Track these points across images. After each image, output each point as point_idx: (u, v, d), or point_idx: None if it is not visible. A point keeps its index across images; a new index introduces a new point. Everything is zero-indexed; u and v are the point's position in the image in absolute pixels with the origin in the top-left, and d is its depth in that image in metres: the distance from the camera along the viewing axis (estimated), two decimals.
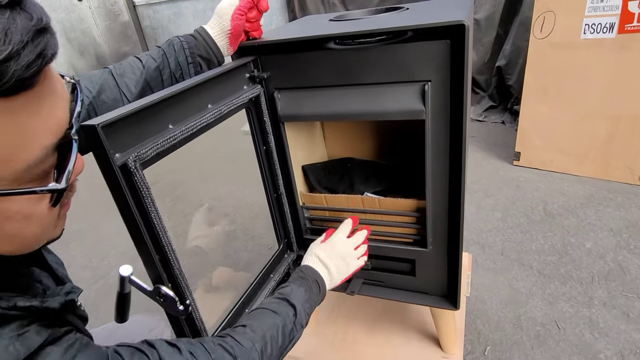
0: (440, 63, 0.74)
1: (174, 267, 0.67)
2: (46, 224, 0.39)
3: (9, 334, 0.34)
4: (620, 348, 1.25)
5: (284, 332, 0.64)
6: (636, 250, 1.63)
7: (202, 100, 0.73)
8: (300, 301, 0.70)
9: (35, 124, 0.33)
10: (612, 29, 1.88)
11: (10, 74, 0.29)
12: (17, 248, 0.38)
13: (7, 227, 0.35)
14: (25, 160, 0.33)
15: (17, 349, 0.33)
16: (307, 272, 0.79)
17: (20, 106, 0.31)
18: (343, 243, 0.88)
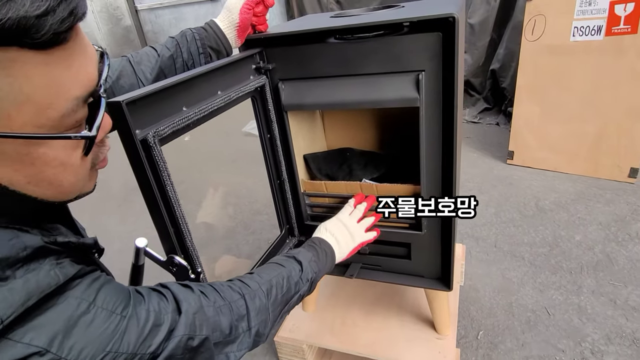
0: (433, 54, 0.80)
1: (186, 238, 0.72)
2: (80, 173, 0.43)
3: (49, 262, 0.38)
4: (606, 332, 1.30)
5: (290, 282, 0.68)
6: (624, 242, 1.69)
7: (212, 86, 0.79)
8: (307, 259, 0.75)
9: (68, 76, 0.37)
10: (599, 32, 1.95)
11: (48, 27, 0.32)
12: (55, 193, 0.41)
13: (46, 172, 0.39)
14: (59, 109, 0.37)
15: (57, 274, 0.38)
16: (316, 241, 0.84)
17: (55, 59, 0.35)
18: (346, 218, 0.93)
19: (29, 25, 0.31)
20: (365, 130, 1.24)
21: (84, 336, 0.37)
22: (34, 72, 0.34)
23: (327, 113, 1.25)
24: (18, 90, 0.33)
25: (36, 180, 0.39)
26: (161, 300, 0.48)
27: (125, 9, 5.08)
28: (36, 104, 0.35)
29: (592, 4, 1.93)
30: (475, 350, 1.30)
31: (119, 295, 0.43)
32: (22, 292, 0.34)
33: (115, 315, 0.41)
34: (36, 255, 0.37)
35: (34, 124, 0.35)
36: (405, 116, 1.12)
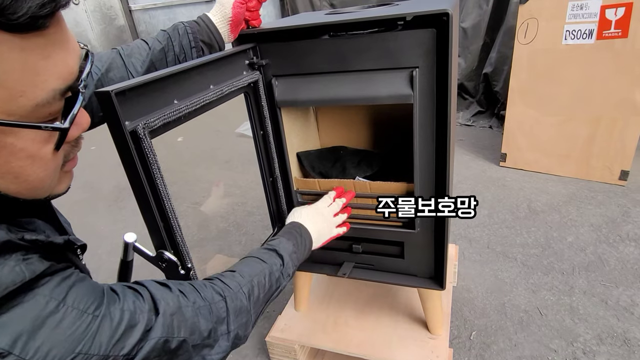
0: (427, 50, 0.80)
1: (176, 233, 0.70)
2: (50, 168, 0.41)
3: (15, 257, 0.36)
4: (598, 332, 1.31)
5: (271, 279, 0.67)
6: (615, 243, 1.70)
7: (205, 80, 0.78)
8: (288, 252, 0.74)
9: (46, 65, 0.35)
10: (591, 35, 1.98)
11: (25, 9, 0.31)
12: (19, 188, 0.39)
13: (13, 164, 0.37)
14: (34, 99, 0.35)
15: (23, 270, 0.35)
16: (295, 227, 0.83)
17: (33, 46, 0.34)
18: (325, 208, 0.94)
19: (5, 5, 0.30)
20: (359, 129, 1.23)
21: (52, 337, 0.35)
22: (8, 56, 0.32)
23: (321, 111, 1.24)
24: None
25: (1, 172, 0.37)
26: (137, 299, 0.46)
27: (119, 8, 5.05)
28: (7, 89, 0.33)
29: (583, 8, 1.95)
30: (468, 350, 1.30)
31: (91, 293, 0.41)
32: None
33: (87, 315, 0.39)
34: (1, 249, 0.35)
35: (4, 111, 0.34)
36: (399, 114, 1.12)
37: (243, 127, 3.47)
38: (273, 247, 0.74)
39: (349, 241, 1.11)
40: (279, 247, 0.74)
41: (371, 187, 1.02)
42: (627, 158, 2.09)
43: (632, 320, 1.34)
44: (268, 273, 0.67)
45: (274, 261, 0.70)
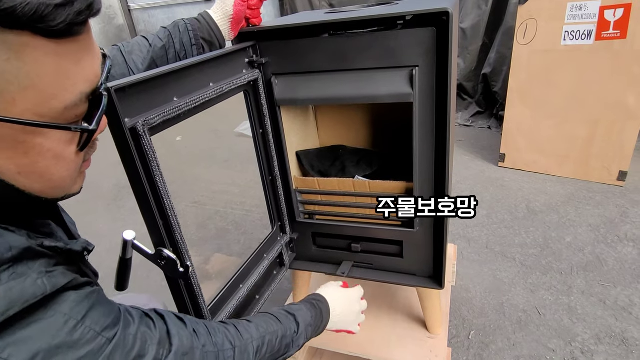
0: (427, 49, 0.80)
1: (175, 231, 0.70)
2: (72, 169, 0.43)
3: (38, 269, 0.36)
4: (596, 332, 1.31)
5: (282, 342, 0.66)
6: (613, 244, 1.70)
7: (205, 78, 0.78)
8: (305, 323, 0.72)
9: (76, 70, 0.37)
10: (590, 36, 1.98)
11: (64, 17, 0.33)
12: (43, 188, 0.40)
13: (39, 164, 0.38)
14: (63, 101, 0.37)
15: (45, 283, 0.36)
16: (322, 302, 0.81)
17: (65, 51, 0.35)
18: (357, 303, 0.91)
19: (46, 13, 0.32)
20: (358, 128, 1.24)
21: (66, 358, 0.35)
22: (43, 60, 0.34)
23: (320, 110, 1.24)
24: (25, 76, 0.33)
25: (27, 172, 0.38)
26: (149, 330, 0.46)
27: (118, 8, 5.05)
28: (41, 92, 0.35)
29: (582, 9, 1.96)
30: (467, 350, 1.30)
31: (108, 315, 0.41)
32: (3, 300, 0.32)
33: (102, 338, 0.39)
34: (23, 256, 0.35)
35: (35, 113, 0.35)
36: (398, 113, 1.12)
37: (242, 127, 3.47)
38: (293, 312, 0.73)
39: (348, 240, 1.11)
40: (298, 314, 0.73)
41: (370, 186, 1.02)
42: (626, 159, 2.09)
43: (630, 320, 1.34)
44: (281, 335, 0.66)
45: (290, 326, 0.69)
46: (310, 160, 1.11)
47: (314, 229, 1.14)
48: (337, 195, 1.06)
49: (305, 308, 0.76)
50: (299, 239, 1.16)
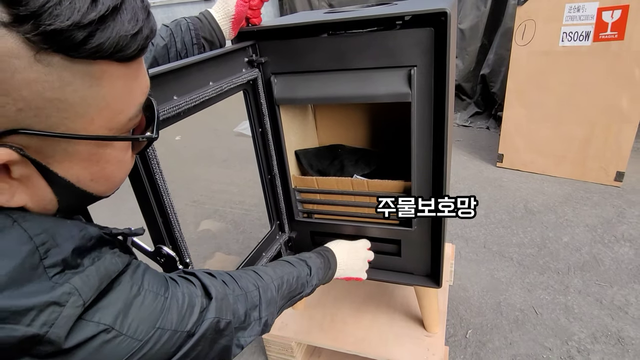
0: (425, 49, 0.81)
1: (174, 228, 0.71)
2: (128, 170, 0.48)
3: (107, 251, 0.42)
4: (593, 331, 1.32)
5: (298, 281, 0.75)
6: (610, 244, 1.71)
7: (204, 77, 0.78)
8: (316, 266, 0.81)
9: (136, 85, 0.41)
10: (587, 37, 1.99)
11: (137, 45, 0.37)
12: (107, 189, 0.45)
13: (107, 170, 0.42)
14: (128, 115, 0.40)
15: (117, 262, 0.42)
16: (328, 252, 0.90)
17: (131, 71, 0.39)
18: (363, 250, 1.00)
19: (125, 44, 0.35)
20: (357, 128, 1.24)
21: (138, 315, 0.42)
22: (116, 83, 0.37)
23: (319, 110, 1.25)
24: (102, 98, 0.37)
25: (97, 177, 0.42)
26: (190, 285, 0.52)
27: None
28: (112, 110, 0.38)
29: (580, 10, 1.97)
30: (464, 348, 1.31)
31: (159, 279, 0.48)
32: (96, 277, 0.38)
33: (160, 297, 0.45)
34: (96, 245, 0.41)
35: (107, 127, 0.39)
36: (397, 113, 1.13)
37: (241, 127, 3.47)
38: (304, 258, 0.81)
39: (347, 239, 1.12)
40: (309, 260, 0.81)
41: (369, 185, 1.03)
42: (623, 159, 2.11)
43: (626, 320, 1.35)
44: (296, 276, 0.75)
45: (302, 268, 0.78)
46: (309, 159, 1.12)
47: (313, 227, 1.15)
48: (336, 194, 1.07)
49: (314, 256, 0.84)
50: (297, 237, 1.16)
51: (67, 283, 0.36)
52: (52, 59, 0.32)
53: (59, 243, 0.37)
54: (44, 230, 0.37)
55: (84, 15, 0.32)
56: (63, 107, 0.35)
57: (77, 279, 0.37)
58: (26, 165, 0.36)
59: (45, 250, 0.36)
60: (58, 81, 0.33)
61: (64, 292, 0.35)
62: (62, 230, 0.39)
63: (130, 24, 0.35)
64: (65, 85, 0.34)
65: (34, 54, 0.31)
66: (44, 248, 0.36)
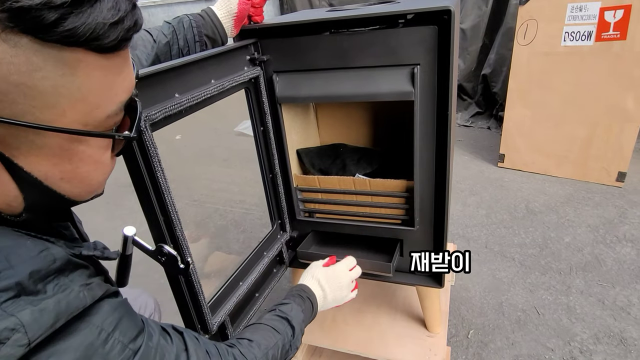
0: (428, 47, 0.80)
1: (176, 227, 0.70)
2: (106, 172, 0.45)
3: (79, 282, 0.38)
4: (595, 331, 1.31)
5: (282, 350, 0.68)
6: (612, 244, 1.71)
7: (206, 74, 0.77)
8: (299, 322, 0.73)
9: (119, 81, 0.39)
10: (590, 37, 1.99)
11: (116, 35, 0.35)
12: (83, 192, 0.42)
13: (81, 169, 0.40)
14: (106, 111, 0.38)
15: (86, 296, 0.38)
16: (306, 292, 0.81)
17: (112, 64, 0.37)
18: (345, 275, 0.89)
19: (102, 32, 0.34)
20: (359, 127, 1.24)
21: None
22: (93, 74, 0.36)
23: (321, 108, 1.24)
24: (77, 89, 0.35)
25: (70, 177, 0.39)
26: (167, 343, 0.48)
27: None
28: (88, 103, 0.36)
29: (582, 10, 1.96)
30: (466, 349, 1.30)
31: (134, 327, 0.43)
32: (52, 313, 0.34)
33: (128, 350, 0.41)
34: (65, 268, 0.38)
35: (81, 122, 0.37)
36: (399, 112, 1.13)
37: (242, 126, 3.47)
38: (285, 315, 0.73)
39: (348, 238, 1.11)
40: (291, 315, 0.73)
41: (371, 184, 1.02)
42: (625, 160, 2.10)
43: (629, 320, 1.34)
44: (281, 345, 0.68)
45: (286, 332, 0.70)
46: (310, 158, 1.11)
47: (314, 227, 1.14)
48: (338, 194, 1.06)
49: (295, 304, 0.76)
50: (298, 237, 1.16)
51: (13, 316, 0.31)
52: (20, 39, 0.31)
53: (13, 265, 0.33)
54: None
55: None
56: (31, 94, 0.33)
57: (27, 313, 0.32)
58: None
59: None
60: (26, 65, 0.31)
61: (6, 327, 0.31)
62: (20, 250, 0.35)
63: (110, 12, 0.34)
64: (34, 71, 0.32)
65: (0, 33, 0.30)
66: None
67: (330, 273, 0.87)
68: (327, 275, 0.86)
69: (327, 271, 0.87)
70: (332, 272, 0.88)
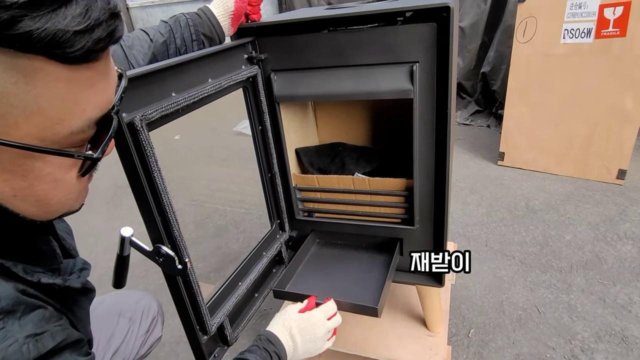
0: (427, 45, 0.80)
1: (173, 227, 0.70)
2: (71, 192, 0.41)
3: (28, 330, 0.35)
4: (596, 330, 1.31)
5: None
6: (612, 242, 1.70)
7: (203, 73, 0.77)
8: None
9: (87, 96, 0.35)
10: (589, 34, 1.98)
11: (82, 44, 0.32)
12: (39, 212, 0.39)
13: (37, 187, 0.36)
14: (69, 127, 0.35)
15: (30, 349, 0.34)
16: (274, 344, 0.73)
17: (78, 77, 0.34)
18: (322, 325, 0.81)
19: (64, 39, 0.30)
20: (357, 126, 1.23)
21: None
22: (54, 85, 0.32)
23: (319, 107, 1.23)
24: (33, 100, 0.32)
25: (24, 195, 0.36)
26: None
27: None
28: (47, 117, 0.33)
29: (582, 7, 1.95)
30: (467, 348, 1.30)
31: None
32: None
33: None
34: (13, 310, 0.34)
35: (37, 137, 0.33)
36: (398, 110, 1.12)
37: (241, 126, 3.46)
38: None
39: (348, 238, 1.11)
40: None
41: (370, 183, 1.02)
42: (625, 157, 2.09)
43: (630, 318, 1.34)
44: None
45: None
46: (309, 157, 1.11)
47: (313, 226, 1.14)
48: (337, 193, 1.06)
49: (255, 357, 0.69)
50: (298, 236, 1.15)
51: None
52: None
53: None
54: None
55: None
56: None
57: None
58: None
59: None
60: None
61: None
62: None
63: (76, 20, 0.31)
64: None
65: None
66: None
67: (305, 323, 0.78)
68: (301, 326, 0.78)
69: (302, 321, 0.78)
70: (308, 322, 0.79)
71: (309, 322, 0.79)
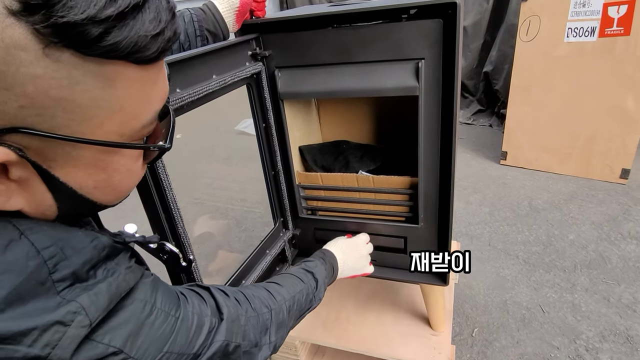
0: (433, 41, 0.79)
1: (178, 224, 0.69)
2: (137, 180, 0.45)
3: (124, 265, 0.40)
4: (601, 329, 1.30)
5: (307, 298, 0.74)
6: (616, 241, 1.70)
7: (207, 70, 0.76)
8: (322, 277, 0.80)
9: (154, 90, 0.38)
10: (593, 33, 1.97)
11: (157, 47, 0.34)
12: (113, 199, 0.43)
13: (114, 178, 0.40)
14: (142, 121, 0.38)
15: (130, 277, 0.40)
16: (329, 255, 0.89)
17: (149, 75, 0.37)
18: (364, 246, 0.98)
19: (144, 44, 0.33)
20: (362, 123, 1.22)
21: (148, 337, 0.40)
22: (131, 85, 0.35)
23: (323, 104, 1.23)
24: (115, 101, 0.35)
25: (103, 185, 0.40)
26: (201, 303, 0.51)
27: None
28: (126, 114, 0.36)
29: (585, 6, 1.95)
30: (470, 347, 1.29)
31: (170, 297, 0.46)
32: (106, 296, 0.37)
33: (171, 317, 0.44)
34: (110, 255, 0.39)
35: (117, 133, 0.37)
36: (402, 107, 1.11)
37: (243, 125, 3.46)
38: (310, 269, 0.80)
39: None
40: (316, 271, 0.80)
41: (374, 181, 1.01)
42: (628, 156, 2.08)
43: (635, 318, 1.33)
44: (305, 293, 0.74)
45: (310, 283, 0.77)
46: (313, 155, 1.10)
47: (317, 224, 1.13)
48: (341, 191, 1.05)
49: (319, 263, 0.84)
50: (301, 235, 1.15)
51: (74, 301, 0.34)
52: (61, 54, 0.30)
53: (68, 255, 0.35)
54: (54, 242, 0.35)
55: (101, 10, 0.30)
56: (70, 108, 0.32)
57: (85, 297, 0.35)
58: (25, 167, 0.34)
59: (54, 264, 0.34)
60: (67, 79, 0.31)
61: (69, 311, 0.33)
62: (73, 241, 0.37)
63: (152, 24, 0.33)
64: (74, 84, 0.31)
65: (43, 48, 0.29)
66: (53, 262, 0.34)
67: (351, 243, 0.97)
68: (349, 245, 0.96)
69: (349, 241, 0.97)
70: (353, 243, 0.97)
71: (354, 243, 0.98)
